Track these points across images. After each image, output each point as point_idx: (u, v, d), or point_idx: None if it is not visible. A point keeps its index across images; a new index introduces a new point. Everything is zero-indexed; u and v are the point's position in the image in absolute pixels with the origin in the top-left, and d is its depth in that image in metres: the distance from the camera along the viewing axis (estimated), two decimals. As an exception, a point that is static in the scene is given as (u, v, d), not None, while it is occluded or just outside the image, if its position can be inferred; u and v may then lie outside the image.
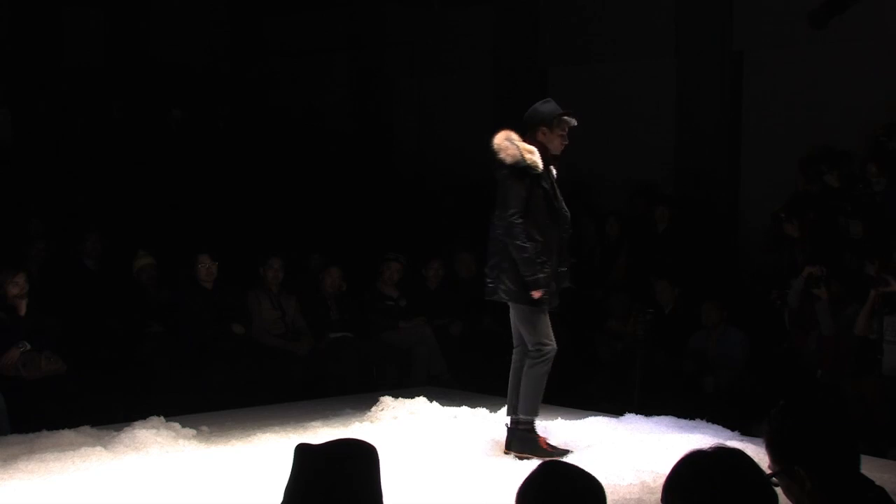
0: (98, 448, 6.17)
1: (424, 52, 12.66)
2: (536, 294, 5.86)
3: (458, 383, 8.68)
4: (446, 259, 9.84)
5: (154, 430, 6.47)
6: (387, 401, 7.07)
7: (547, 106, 6.13)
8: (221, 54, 13.25)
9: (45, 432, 6.52)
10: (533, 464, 5.29)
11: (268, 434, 6.67)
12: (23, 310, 7.60)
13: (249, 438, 6.58)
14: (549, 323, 6.05)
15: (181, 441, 6.45)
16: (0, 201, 9.67)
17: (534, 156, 5.89)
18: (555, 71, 11.75)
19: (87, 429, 6.64)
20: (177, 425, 6.66)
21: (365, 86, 13.07)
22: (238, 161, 11.50)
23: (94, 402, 7.29)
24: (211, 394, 7.82)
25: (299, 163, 11.81)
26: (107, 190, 10.32)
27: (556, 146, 6.07)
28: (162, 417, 6.71)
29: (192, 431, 6.66)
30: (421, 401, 7.12)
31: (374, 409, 7.09)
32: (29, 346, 7.51)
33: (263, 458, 6.00)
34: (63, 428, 6.58)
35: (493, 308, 9.54)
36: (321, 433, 6.57)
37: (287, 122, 12.61)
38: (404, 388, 7.94)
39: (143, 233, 9.39)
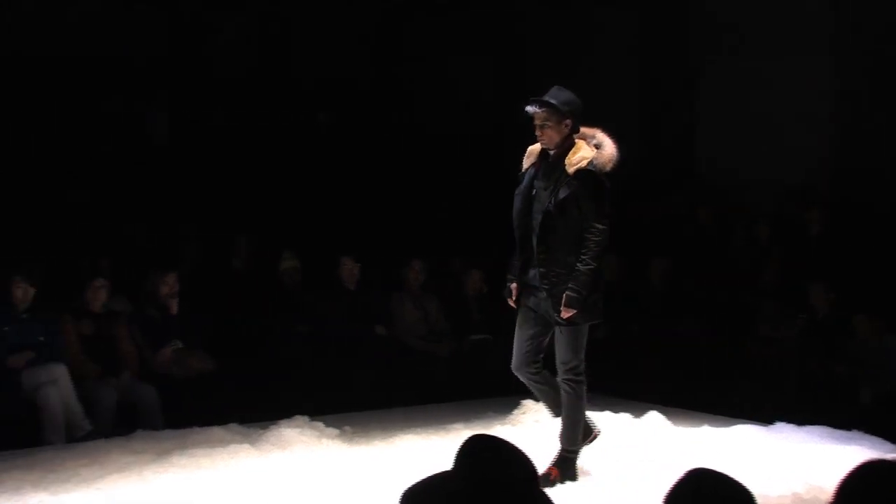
0: (245, 445, 6.36)
1: (567, 53, 12.59)
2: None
3: (600, 387, 8.59)
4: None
5: (299, 430, 6.63)
6: (529, 404, 7.06)
7: None
8: (365, 59, 13.46)
9: (196, 429, 6.76)
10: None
11: (409, 435, 6.75)
12: (175, 309, 7.90)
13: (391, 439, 6.67)
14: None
15: (325, 440, 6.59)
16: (154, 203, 10.05)
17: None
18: (704, 69, 11.52)
19: (235, 426, 6.86)
20: (321, 425, 6.81)
21: (506, 88, 13.07)
22: (382, 165, 11.67)
23: (241, 400, 7.50)
24: (354, 394, 7.94)
25: (442, 167, 11.91)
26: (256, 193, 10.61)
27: None
28: (306, 417, 6.86)
29: (336, 431, 6.79)
30: (563, 405, 7.07)
31: (515, 412, 7.09)
32: (181, 345, 7.79)
33: (404, 459, 6.08)
34: (213, 425, 6.81)
35: (636, 311, 9.47)
36: (463, 435, 6.59)
37: (429, 127, 12.72)
38: (546, 392, 7.89)
39: (290, 235, 9.62)
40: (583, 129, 5.48)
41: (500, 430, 6.70)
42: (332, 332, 8.44)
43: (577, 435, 5.58)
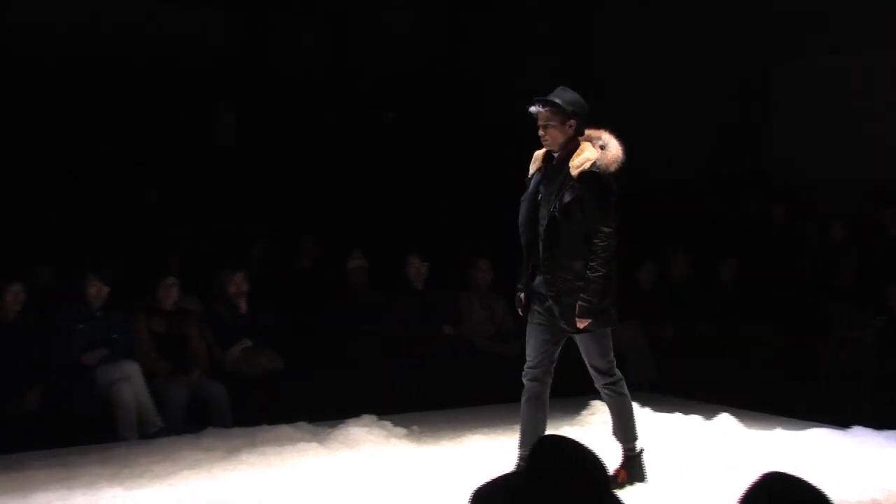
0: (314, 444, 6.41)
1: (634, 51, 12.48)
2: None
3: (670, 389, 8.50)
4: (659, 261, 9.68)
5: (366, 429, 6.66)
6: (597, 405, 7.00)
7: None
8: (432, 56, 13.48)
9: (264, 427, 6.82)
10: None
11: (477, 435, 6.75)
12: (243, 308, 7.99)
13: (459, 440, 6.67)
14: None
15: (392, 440, 6.61)
16: (222, 203, 10.18)
17: None
18: (777, 66, 11.35)
19: (303, 424, 6.91)
20: (389, 424, 6.83)
21: (574, 85, 12.99)
22: (449, 163, 11.67)
23: (309, 398, 7.55)
24: (421, 394, 7.96)
25: (510, 165, 11.87)
26: (323, 193, 10.69)
27: None
28: (374, 416, 6.89)
29: (404, 430, 6.81)
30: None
31: (584, 412, 7.04)
32: (250, 344, 7.88)
33: (472, 459, 6.08)
34: (281, 423, 6.87)
35: (708, 312, 9.36)
36: (531, 436, 6.58)
37: (496, 124, 12.69)
38: (615, 393, 7.83)
39: (357, 234, 9.67)
40: (589, 131, 5.35)
41: (568, 430, 6.66)
42: (400, 332, 8.47)
43: (632, 431, 5.58)
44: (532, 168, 5.49)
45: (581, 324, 5.26)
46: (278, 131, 11.34)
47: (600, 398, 7.11)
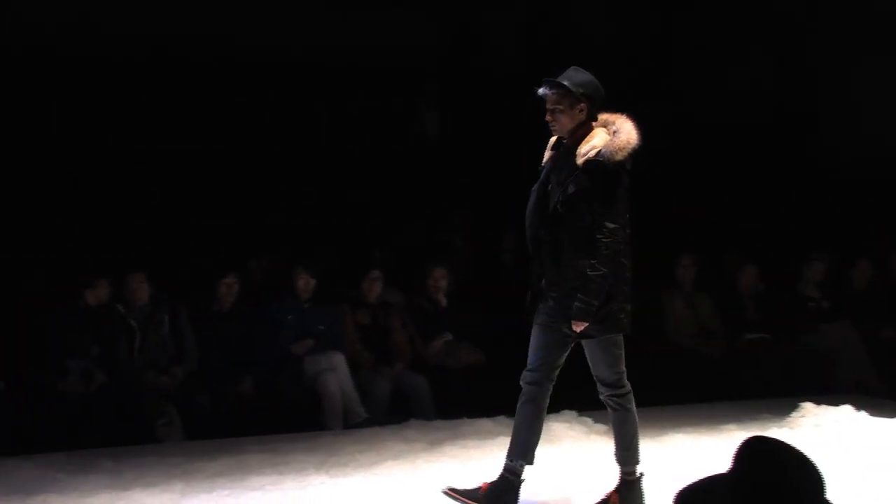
0: (513, 438, 6.44)
1: (852, 36, 11.93)
2: None
3: (890, 393, 8.10)
4: (876, 258, 9.24)
5: (567, 424, 6.66)
6: (808, 407, 6.77)
7: None
8: (634, 52, 13.31)
9: (466, 420, 6.92)
10: None
11: (680, 434, 6.63)
12: (444, 302, 8.13)
13: (662, 438, 6.57)
14: None
15: (593, 436, 6.58)
16: (425, 198, 10.38)
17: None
18: None
19: (503, 419, 6.94)
20: (589, 420, 6.80)
21: (786, 75, 12.56)
22: (650, 157, 11.50)
23: (509, 392, 7.58)
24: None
25: (714, 158, 11.60)
26: (524, 190, 10.73)
27: None
28: (575, 412, 6.87)
29: (604, 427, 6.74)
30: (846, 409, 6.74)
31: (794, 414, 6.81)
32: (451, 337, 8.01)
33: (675, 458, 5.98)
34: (482, 417, 6.96)
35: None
36: (736, 437, 6.41)
37: (699, 117, 12.42)
38: (828, 395, 7.54)
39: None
40: (605, 116, 4.83)
41: (777, 432, 6.45)
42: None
43: (633, 454, 5.03)
44: (546, 155, 5.01)
45: (577, 327, 4.74)
46: (480, 128, 11.46)
47: (812, 400, 6.87)
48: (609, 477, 5.56)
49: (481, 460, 5.99)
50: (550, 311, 4.90)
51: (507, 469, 5.01)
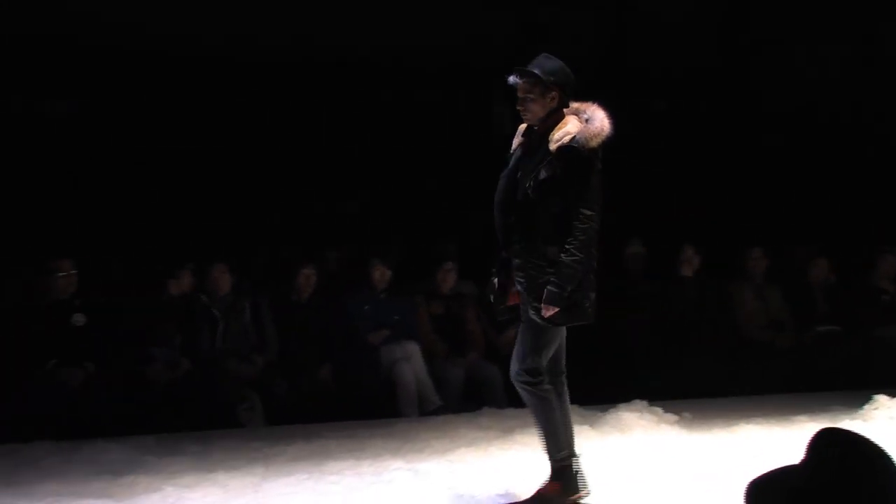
0: (585, 427, 6.41)
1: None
2: None
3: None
4: None
5: (637, 414, 6.61)
6: (882, 399, 6.63)
7: None
8: (709, 46, 13.12)
9: (537, 409, 6.90)
10: None
11: (751, 425, 6.54)
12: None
13: (731, 428, 6.49)
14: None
15: (663, 425, 6.53)
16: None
17: None
18: None
19: (574, 408, 6.89)
20: (659, 410, 6.75)
21: (862, 64, 12.27)
22: (723, 151, 11.36)
23: (581, 382, 7.55)
24: (693, 381, 7.80)
25: (788, 152, 11.42)
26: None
27: None
28: (645, 402, 6.82)
29: (674, 417, 6.70)
30: (922, 403, 6.60)
31: (866, 406, 6.67)
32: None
33: (745, 448, 5.90)
34: (554, 406, 6.92)
35: None
36: (807, 428, 6.31)
37: (777, 114, 12.21)
38: (902, 389, 7.37)
39: (632, 223, 9.62)
40: (576, 104, 4.69)
41: (849, 424, 6.29)
42: (672, 320, 8.33)
43: (557, 441, 4.80)
44: (515, 142, 4.85)
45: (547, 311, 4.53)
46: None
47: (886, 392, 6.73)
48: (680, 465, 5.53)
49: (551, 448, 5.97)
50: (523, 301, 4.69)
51: (555, 465, 4.84)
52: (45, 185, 8.67)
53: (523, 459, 5.72)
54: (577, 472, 4.83)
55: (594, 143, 4.58)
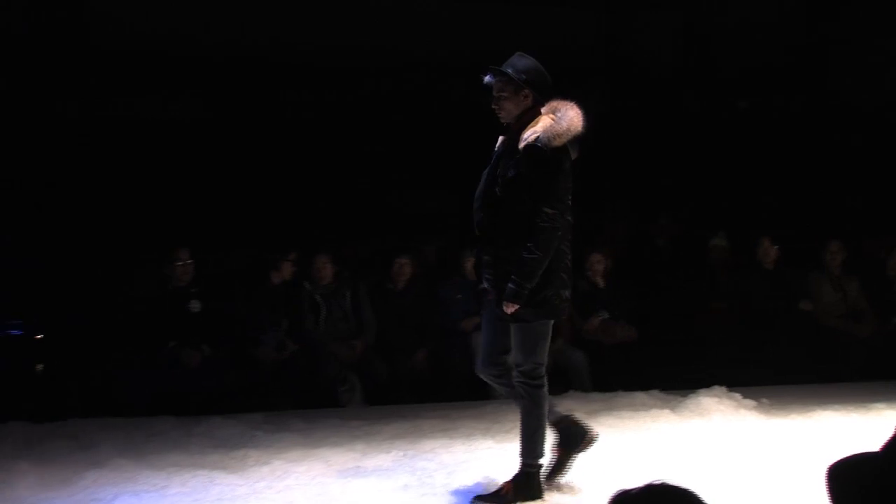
0: (666, 411, 6.46)
1: None
2: None
3: None
4: None
5: (717, 399, 6.61)
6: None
7: None
8: (788, 44, 12.91)
9: (620, 392, 6.96)
10: None
11: (828, 412, 6.50)
12: (602, 283, 8.16)
13: (809, 414, 6.46)
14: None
15: (742, 411, 6.52)
16: (586, 186, 10.39)
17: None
18: None
19: (656, 392, 6.97)
20: (738, 395, 6.74)
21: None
22: (800, 148, 11.20)
23: (661, 368, 7.58)
24: (771, 368, 7.75)
25: (865, 148, 11.19)
26: (679, 177, 10.62)
27: None
28: (724, 387, 6.82)
29: (753, 403, 6.69)
30: None
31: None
32: (607, 315, 8.04)
33: (823, 434, 5.87)
34: (636, 390, 6.97)
35: None
36: (885, 415, 6.26)
37: (855, 110, 11.96)
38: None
39: (714, 215, 9.58)
40: (556, 103, 4.52)
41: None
42: (752, 308, 8.28)
43: (536, 447, 4.62)
44: (499, 141, 4.71)
45: (508, 308, 4.41)
46: (634, 119, 11.38)
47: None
48: (758, 449, 5.53)
49: (636, 430, 6.03)
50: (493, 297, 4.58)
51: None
52: (168, 182, 8.99)
53: (607, 441, 5.76)
54: (538, 482, 4.67)
55: (557, 142, 4.43)
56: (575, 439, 4.80)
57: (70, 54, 8.95)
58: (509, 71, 4.55)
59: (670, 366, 7.62)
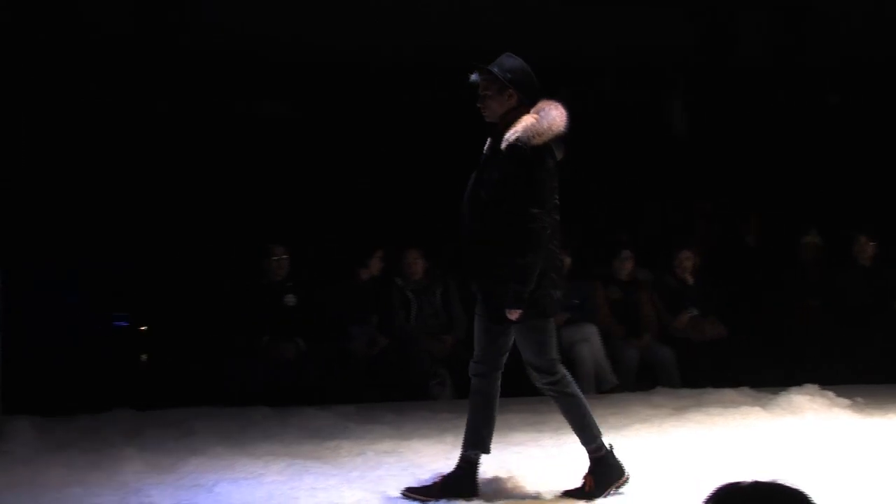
0: (757, 408, 6.29)
1: None
2: None
3: None
4: None
5: (809, 397, 6.42)
6: None
7: None
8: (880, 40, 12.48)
9: (710, 389, 6.81)
10: None
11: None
12: (690, 280, 8.00)
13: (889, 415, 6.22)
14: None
15: (835, 409, 6.31)
16: (673, 185, 10.22)
17: None
18: None
19: (746, 389, 6.80)
20: (831, 394, 6.53)
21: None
22: (854, 143, 10.83)
23: (752, 365, 7.40)
24: (865, 367, 7.49)
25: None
26: (768, 173, 10.38)
27: None
28: (817, 385, 6.62)
29: (847, 401, 6.47)
30: None
31: None
32: (696, 312, 7.88)
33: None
34: (725, 387, 6.81)
35: None
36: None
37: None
38: None
39: (804, 213, 9.33)
40: (542, 103, 4.39)
41: None
42: (847, 306, 8.03)
43: (591, 430, 4.55)
44: (487, 142, 4.58)
45: (512, 315, 4.33)
46: (727, 118, 11.16)
47: None
48: (852, 447, 5.34)
49: (725, 427, 5.89)
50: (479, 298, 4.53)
51: (462, 459, 4.68)
52: (264, 180, 9.12)
53: (695, 437, 5.66)
54: (615, 460, 4.60)
55: (537, 141, 4.31)
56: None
57: (174, 55, 9.13)
58: (495, 70, 4.43)
59: (762, 363, 7.44)
